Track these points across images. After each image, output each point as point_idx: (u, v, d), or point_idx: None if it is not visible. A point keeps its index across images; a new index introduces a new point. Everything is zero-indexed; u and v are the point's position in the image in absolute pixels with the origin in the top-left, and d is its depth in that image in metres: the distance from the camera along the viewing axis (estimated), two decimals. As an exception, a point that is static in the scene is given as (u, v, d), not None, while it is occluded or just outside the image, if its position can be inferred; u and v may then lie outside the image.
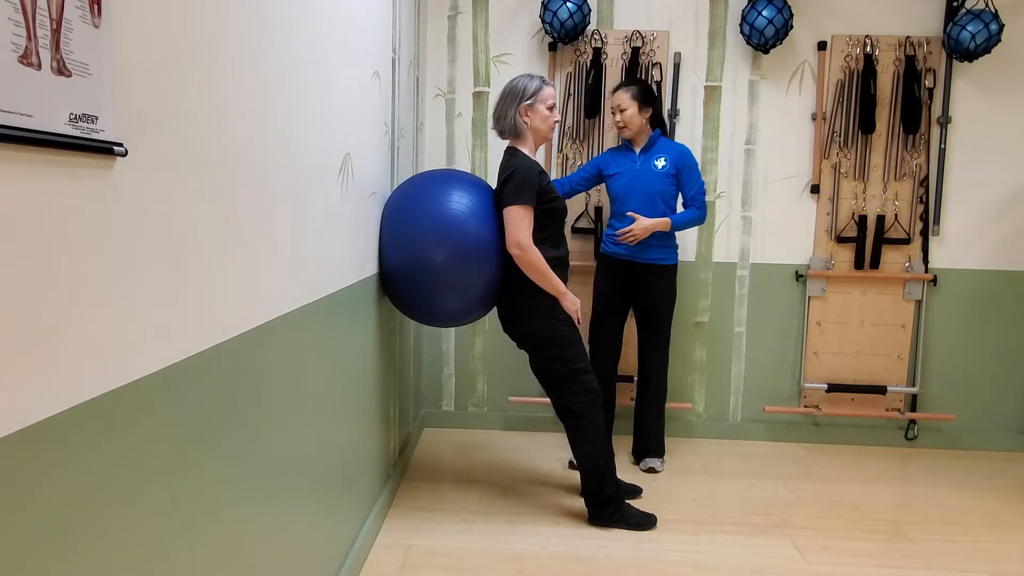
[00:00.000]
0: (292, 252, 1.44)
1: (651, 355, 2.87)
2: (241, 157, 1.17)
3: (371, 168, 2.13)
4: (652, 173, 2.76)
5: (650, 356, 2.87)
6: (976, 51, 2.89)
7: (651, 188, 2.75)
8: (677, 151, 2.77)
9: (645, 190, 2.76)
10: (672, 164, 2.76)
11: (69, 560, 0.77)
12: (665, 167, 2.76)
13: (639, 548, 2.22)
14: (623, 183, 2.80)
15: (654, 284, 2.80)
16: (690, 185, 2.77)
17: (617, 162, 2.84)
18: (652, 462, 2.87)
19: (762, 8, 2.92)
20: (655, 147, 2.79)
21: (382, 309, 2.32)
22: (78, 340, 0.77)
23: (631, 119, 2.73)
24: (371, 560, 2.10)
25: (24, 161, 0.69)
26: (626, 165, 2.81)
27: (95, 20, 0.78)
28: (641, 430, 2.93)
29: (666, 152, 2.78)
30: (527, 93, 2.31)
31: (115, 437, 0.84)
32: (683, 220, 2.75)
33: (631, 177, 2.78)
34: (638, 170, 2.78)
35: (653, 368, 2.88)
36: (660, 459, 2.90)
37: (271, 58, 1.29)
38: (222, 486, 1.13)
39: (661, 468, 2.88)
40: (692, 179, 2.77)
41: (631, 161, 2.81)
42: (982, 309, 3.22)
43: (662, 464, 2.90)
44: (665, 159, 2.76)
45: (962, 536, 2.37)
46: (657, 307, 2.83)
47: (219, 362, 1.11)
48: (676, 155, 2.76)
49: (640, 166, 2.78)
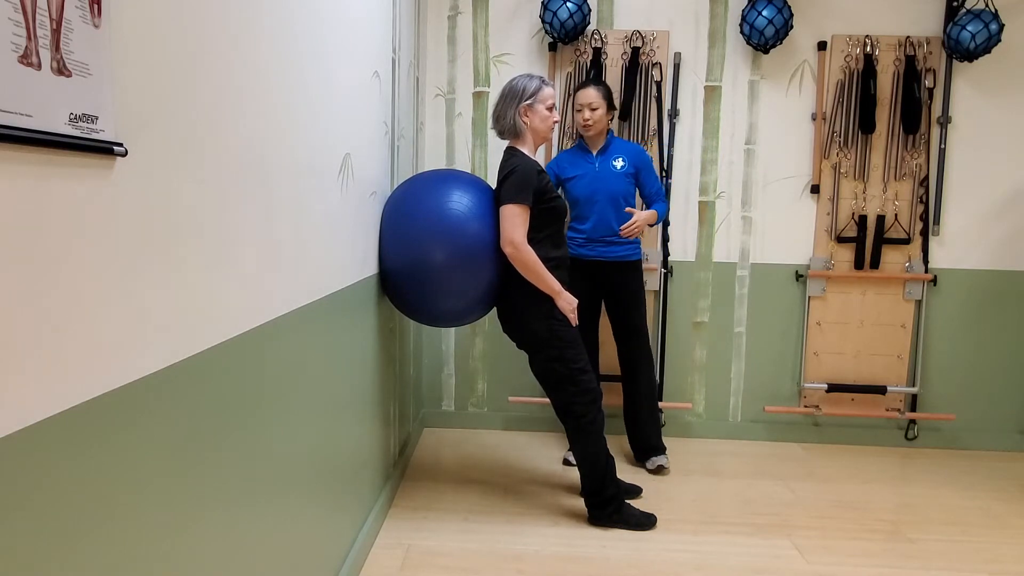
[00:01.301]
0: (292, 252, 1.44)
1: (635, 354, 2.86)
2: (241, 157, 1.17)
3: (371, 168, 2.13)
4: (612, 174, 2.75)
5: (634, 355, 2.86)
6: (976, 51, 2.89)
7: (613, 189, 2.74)
8: (633, 150, 2.78)
9: (608, 192, 2.74)
10: (630, 163, 2.76)
11: (70, 560, 0.77)
12: (624, 167, 2.75)
13: (639, 548, 2.22)
14: (584, 185, 2.77)
15: (626, 281, 2.81)
16: (651, 182, 2.79)
17: (575, 164, 2.81)
18: (660, 460, 2.84)
19: (762, 8, 2.92)
20: (611, 147, 2.78)
21: (382, 309, 2.32)
22: (78, 340, 0.77)
23: (600, 119, 2.72)
24: (371, 560, 2.10)
25: (24, 161, 0.69)
26: (584, 167, 2.78)
27: (95, 20, 0.78)
28: (640, 430, 2.90)
29: (622, 152, 2.78)
30: (526, 93, 2.31)
31: (115, 437, 0.84)
32: (662, 213, 2.79)
33: (592, 179, 2.76)
34: (598, 172, 2.76)
35: (640, 366, 2.87)
36: (664, 456, 2.88)
37: (271, 58, 1.29)
38: (222, 486, 1.13)
39: (668, 464, 2.86)
40: (651, 176, 2.80)
41: (589, 163, 2.78)
42: (982, 309, 3.22)
43: (667, 460, 2.87)
44: (623, 159, 2.76)
45: (962, 536, 2.37)
46: (633, 303, 2.83)
47: (219, 362, 1.11)
48: (633, 154, 2.77)
49: (599, 168, 2.76)
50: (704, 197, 3.22)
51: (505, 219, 2.21)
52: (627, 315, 2.84)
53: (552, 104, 2.35)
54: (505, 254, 2.24)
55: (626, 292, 2.83)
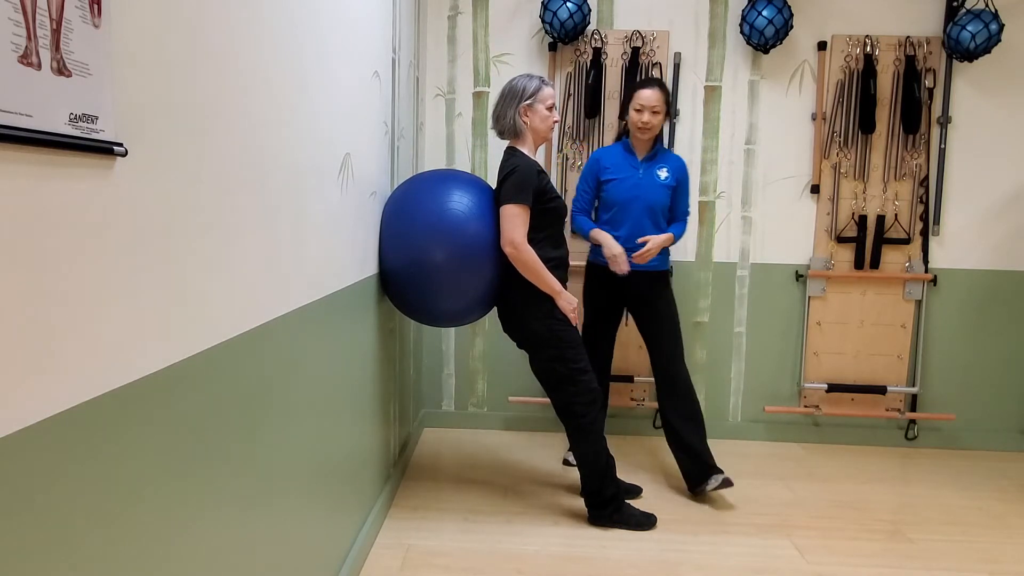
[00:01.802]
0: (292, 252, 1.44)
1: (676, 367, 2.61)
2: (241, 157, 1.17)
3: (371, 168, 2.13)
4: (655, 184, 2.61)
5: (675, 368, 2.61)
6: (976, 51, 2.89)
7: (652, 199, 2.61)
8: (678, 163, 2.67)
9: (647, 201, 2.61)
10: (673, 176, 2.64)
11: (69, 560, 0.77)
12: (667, 179, 2.63)
13: (639, 548, 2.22)
14: (623, 191, 2.62)
15: (659, 291, 2.65)
16: (683, 200, 2.68)
17: (617, 167, 2.66)
18: (720, 476, 2.52)
19: (762, 8, 2.92)
20: (659, 156, 2.66)
21: (382, 309, 2.32)
22: (78, 340, 0.77)
23: (658, 124, 2.58)
24: (371, 560, 2.10)
25: (24, 161, 0.69)
26: (627, 171, 2.64)
27: (95, 20, 0.78)
28: (696, 451, 2.57)
29: (668, 163, 2.65)
30: (526, 93, 2.31)
31: (115, 437, 0.84)
32: (679, 236, 2.66)
33: (634, 185, 2.62)
34: (640, 178, 2.62)
35: (681, 380, 2.61)
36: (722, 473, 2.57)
37: (271, 58, 1.29)
38: (222, 486, 1.13)
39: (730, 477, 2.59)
40: (686, 195, 2.69)
41: (633, 167, 2.64)
42: (982, 309, 3.22)
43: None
44: (667, 170, 2.63)
45: (962, 536, 2.36)
46: (667, 314, 2.64)
47: (219, 362, 1.11)
48: (677, 167, 2.66)
49: (643, 174, 2.62)
50: (704, 197, 3.22)
51: (505, 219, 2.21)
52: (668, 327, 2.62)
53: (552, 104, 2.35)
54: (505, 254, 2.24)
55: (662, 304, 2.63)
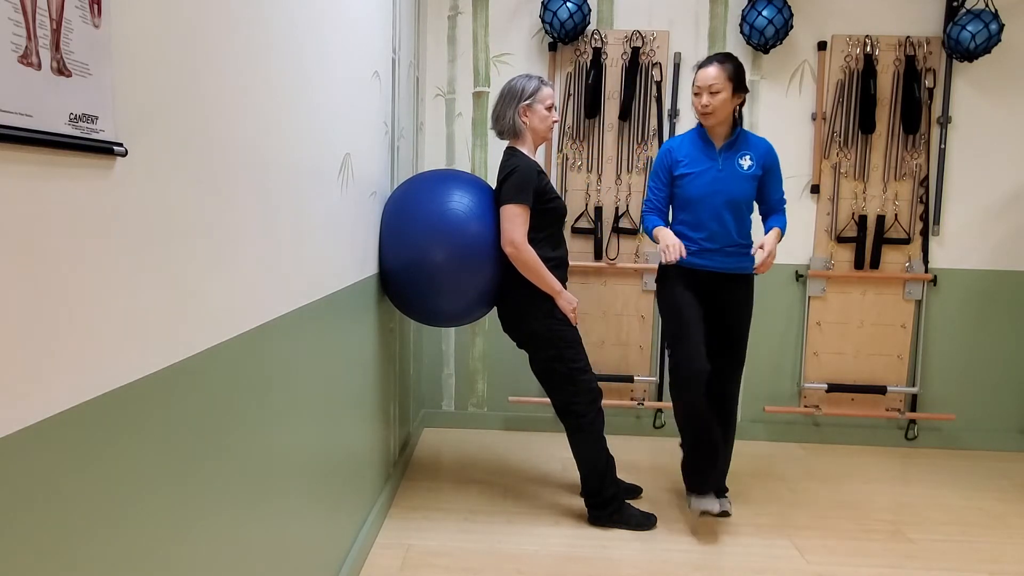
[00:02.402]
0: (292, 252, 1.44)
1: (731, 385, 2.41)
2: (241, 157, 1.17)
3: (371, 168, 2.13)
4: (737, 176, 2.29)
5: (730, 386, 2.41)
6: (976, 51, 2.89)
7: (736, 194, 2.29)
8: (764, 148, 2.32)
9: (729, 196, 2.28)
10: (758, 164, 2.30)
11: (68, 561, 0.77)
12: (751, 168, 2.30)
13: (639, 548, 2.22)
14: (701, 186, 2.30)
15: (737, 295, 2.38)
16: (776, 188, 2.36)
17: (693, 159, 2.33)
18: (725, 504, 2.38)
19: (762, 8, 2.92)
20: (740, 142, 2.31)
21: (382, 309, 2.32)
22: (78, 340, 0.77)
23: (722, 105, 2.23)
24: (371, 560, 2.10)
25: (24, 161, 0.69)
26: (705, 163, 2.31)
27: (95, 20, 0.78)
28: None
29: (752, 149, 2.31)
30: (525, 93, 2.31)
31: (115, 437, 0.84)
32: (784, 230, 2.36)
33: (713, 179, 2.29)
34: (720, 171, 2.29)
35: (731, 398, 2.43)
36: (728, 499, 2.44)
37: (271, 58, 1.29)
38: (222, 486, 1.13)
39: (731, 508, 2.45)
40: (778, 181, 2.36)
41: (711, 159, 2.30)
42: (982, 309, 3.22)
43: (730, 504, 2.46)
44: (751, 157, 2.30)
45: (962, 536, 2.36)
46: (741, 323, 2.40)
47: (219, 362, 1.11)
48: (763, 153, 2.31)
49: (723, 166, 2.30)
50: (704, 197, 3.22)
51: (505, 219, 2.22)
52: (736, 337, 2.40)
53: (551, 104, 2.34)
54: (506, 254, 2.24)
55: (737, 310, 2.39)
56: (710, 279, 2.35)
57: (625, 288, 3.26)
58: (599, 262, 3.23)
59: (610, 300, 3.27)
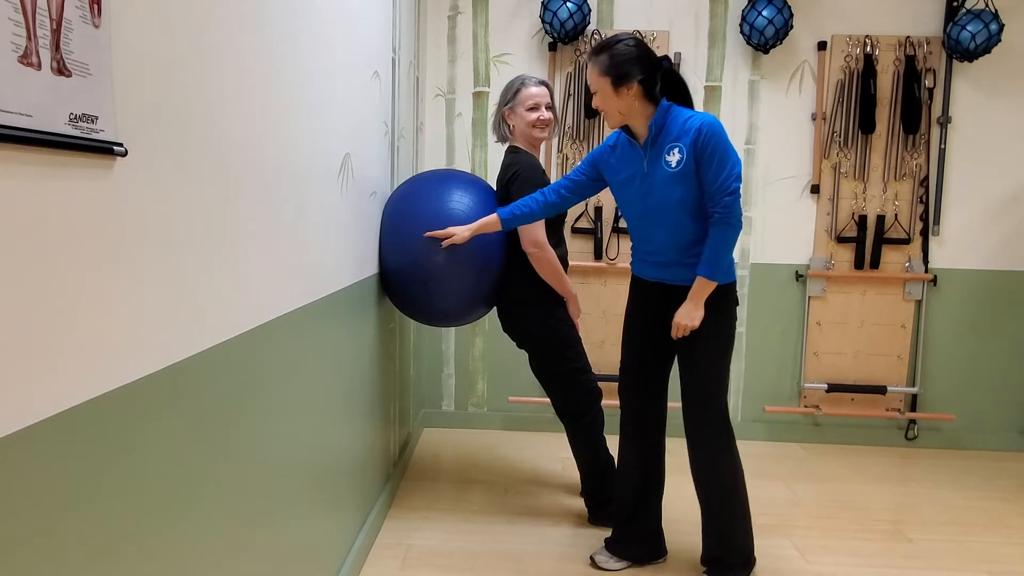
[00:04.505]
0: (292, 252, 1.44)
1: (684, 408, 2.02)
2: (241, 157, 1.17)
3: (371, 168, 2.13)
4: (665, 176, 1.85)
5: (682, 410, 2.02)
6: (976, 51, 2.89)
7: (667, 201, 1.85)
8: (694, 129, 1.80)
9: (660, 207, 1.87)
10: (687, 154, 1.81)
11: (68, 560, 0.77)
12: (680, 163, 1.82)
13: (639, 548, 2.21)
14: (629, 197, 1.94)
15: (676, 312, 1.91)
16: (709, 180, 1.80)
17: (620, 162, 1.96)
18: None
19: (762, 8, 2.92)
20: (664, 132, 1.86)
21: (382, 309, 2.32)
22: (78, 340, 0.77)
23: (609, 105, 1.87)
24: (371, 560, 2.10)
25: (24, 161, 0.69)
26: (631, 166, 1.93)
27: (95, 20, 0.78)
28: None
29: (680, 138, 1.83)
30: (506, 97, 2.33)
31: (115, 437, 0.84)
32: (713, 255, 1.81)
33: (639, 186, 1.90)
34: (646, 174, 1.88)
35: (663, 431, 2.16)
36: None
37: (271, 58, 1.29)
38: (222, 486, 1.13)
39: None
40: (713, 170, 1.78)
41: (637, 159, 1.91)
42: (982, 309, 3.22)
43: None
44: (679, 150, 1.82)
45: (962, 536, 2.36)
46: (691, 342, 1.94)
47: (219, 362, 1.11)
48: (693, 138, 1.80)
49: (648, 167, 1.88)
50: (704, 197, 3.22)
51: None
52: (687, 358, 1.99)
53: (534, 104, 2.26)
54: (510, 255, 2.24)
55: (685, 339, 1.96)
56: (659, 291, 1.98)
57: (625, 288, 3.26)
58: (599, 262, 3.23)
59: (610, 300, 3.27)
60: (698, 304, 1.85)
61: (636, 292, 2.06)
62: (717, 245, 1.81)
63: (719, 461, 1.96)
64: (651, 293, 1.99)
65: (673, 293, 1.92)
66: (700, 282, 1.84)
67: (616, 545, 2.11)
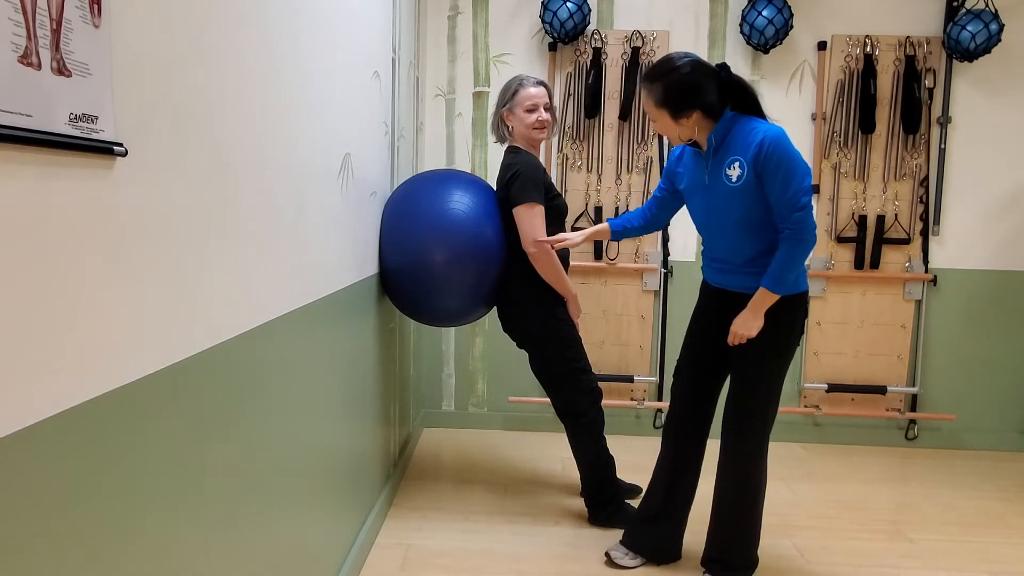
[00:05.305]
0: (292, 252, 1.44)
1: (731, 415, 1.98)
2: (241, 157, 1.17)
3: (371, 168, 2.13)
4: (725, 191, 1.80)
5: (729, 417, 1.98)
6: (976, 51, 2.89)
7: (727, 216, 1.82)
8: (754, 144, 1.73)
9: (719, 220, 1.85)
10: (748, 169, 1.74)
11: (68, 561, 0.77)
12: (741, 177, 1.76)
13: (639, 548, 2.21)
14: (693, 206, 1.94)
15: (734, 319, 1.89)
16: (775, 197, 1.73)
17: (686, 170, 1.94)
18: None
19: (762, 8, 2.92)
20: (727, 144, 1.80)
21: (382, 309, 2.32)
22: (77, 340, 0.77)
23: (669, 131, 1.84)
24: (371, 560, 2.10)
25: (24, 161, 0.69)
26: (694, 176, 1.90)
27: (95, 20, 0.78)
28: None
29: (741, 151, 1.76)
30: (504, 98, 2.33)
31: (114, 438, 0.84)
32: (779, 268, 1.76)
33: (702, 196, 1.88)
34: (707, 186, 1.85)
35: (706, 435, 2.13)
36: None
37: (271, 58, 1.29)
38: (222, 486, 1.13)
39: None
40: (777, 185, 1.71)
41: (700, 169, 1.88)
42: (982, 309, 3.22)
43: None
44: (740, 164, 1.76)
45: (962, 536, 2.36)
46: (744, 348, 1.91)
47: (219, 362, 1.11)
48: (753, 153, 1.73)
49: (710, 179, 1.84)
50: (704, 197, 3.22)
51: (523, 220, 2.20)
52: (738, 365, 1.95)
53: (532, 105, 2.27)
54: (510, 255, 2.24)
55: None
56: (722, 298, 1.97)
57: (625, 288, 3.26)
58: (599, 262, 3.23)
59: (610, 300, 3.27)
60: (757, 314, 1.82)
61: (702, 295, 2.06)
62: (785, 259, 1.76)
63: (747, 471, 1.95)
64: (714, 297, 1.99)
65: (735, 299, 1.90)
66: (761, 293, 1.80)
67: (634, 543, 2.11)
